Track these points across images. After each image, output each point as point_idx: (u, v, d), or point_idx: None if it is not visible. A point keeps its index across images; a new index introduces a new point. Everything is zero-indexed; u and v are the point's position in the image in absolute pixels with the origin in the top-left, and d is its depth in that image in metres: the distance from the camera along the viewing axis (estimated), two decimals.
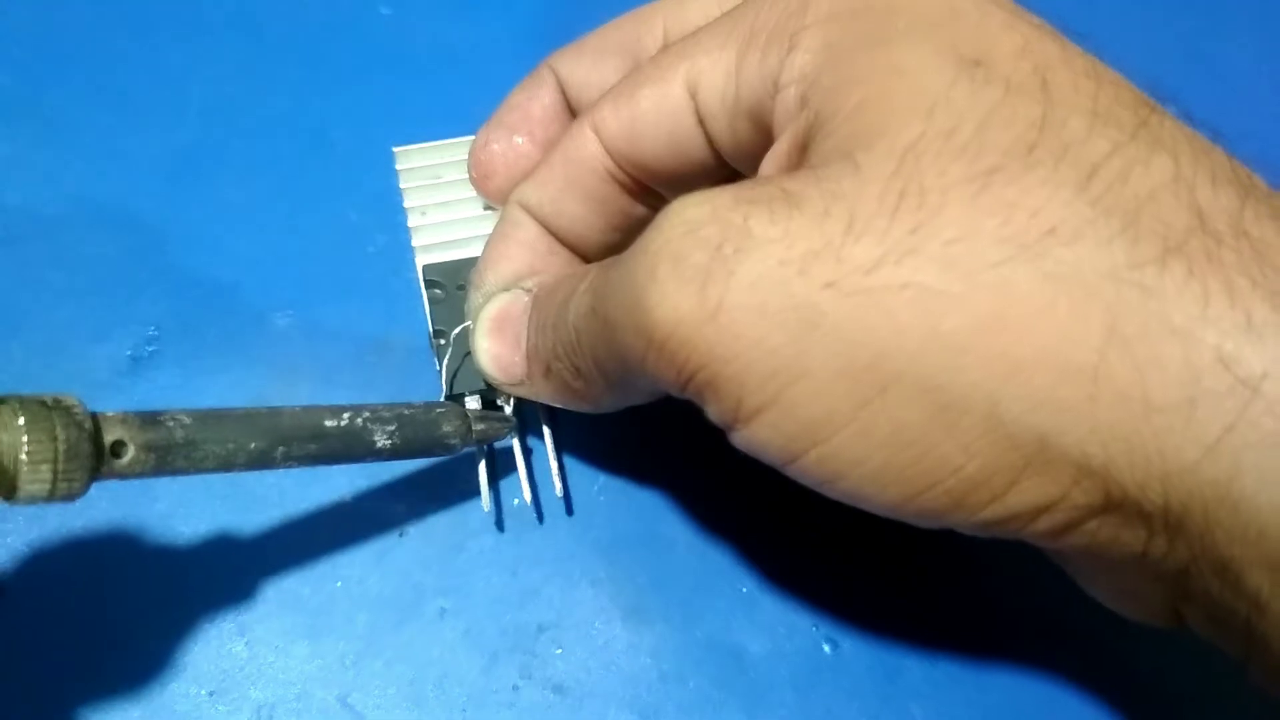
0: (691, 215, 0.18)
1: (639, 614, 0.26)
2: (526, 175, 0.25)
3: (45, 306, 0.29)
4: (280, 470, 0.26)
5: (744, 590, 0.26)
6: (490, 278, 0.25)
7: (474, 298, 0.25)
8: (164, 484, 0.26)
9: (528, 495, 0.26)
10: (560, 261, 0.25)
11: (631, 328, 0.19)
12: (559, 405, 0.24)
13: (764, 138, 0.21)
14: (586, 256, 0.25)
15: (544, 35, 0.28)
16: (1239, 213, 0.17)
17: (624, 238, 0.25)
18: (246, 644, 0.25)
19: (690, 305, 0.17)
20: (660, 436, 0.27)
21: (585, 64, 0.26)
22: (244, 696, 0.24)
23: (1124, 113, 0.18)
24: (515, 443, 0.26)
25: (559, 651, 0.25)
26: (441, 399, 0.26)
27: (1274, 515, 0.16)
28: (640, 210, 0.24)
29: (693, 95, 0.22)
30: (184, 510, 0.26)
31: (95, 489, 0.26)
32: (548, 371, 0.23)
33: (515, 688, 0.25)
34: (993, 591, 0.26)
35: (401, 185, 0.29)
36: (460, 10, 0.34)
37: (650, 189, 0.24)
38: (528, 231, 0.25)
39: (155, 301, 0.29)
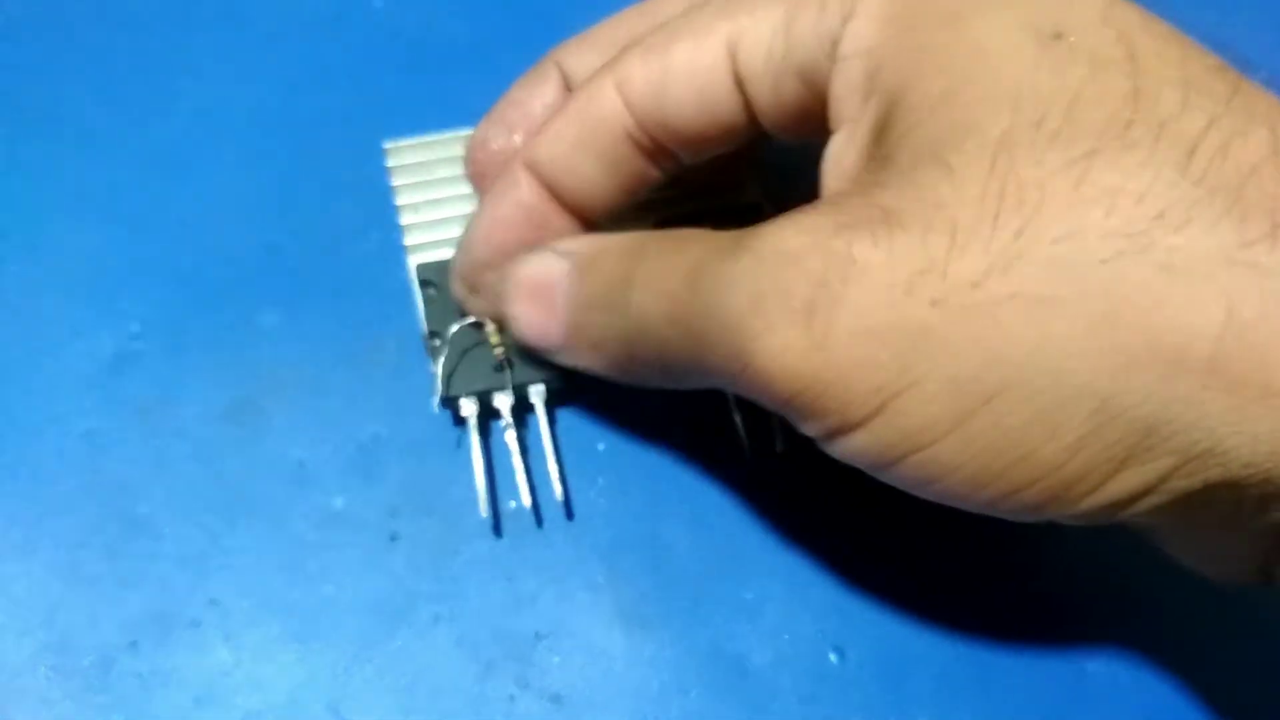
0: (793, 246, 0.18)
1: (639, 621, 0.25)
2: (537, 136, 0.24)
3: (26, 301, 0.28)
4: (269, 470, 0.26)
5: (747, 597, 0.25)
6: (482, 243, 0.24)
7: (460, 259, 0.25)
8: (148, 484, 0.26)
9: (526, 499, 0.25)
10: (558, 228, 0.24)
11: (726, 350, 0.18)
12: (595, 374, 0.24)
13: (815, 100, 0.20)
14: (586, 220, 0.24)
15: (539, 29, 0.27)
16: None
17: (631, 201, 0.24)
18: (233, 650, 0.24)
19: (796, 337, 0.17)
20: (661, 438, 0.27)
21: (592, 58, 0.25)
22: (231, 704, 0.24)
23: (1215, 81, 0.17)
24: (514, 445, 0.26)
25: (556, 660, 0.25)
26: (436, 401, 0.26)
27: None
28: (654, 173, 0.24)
29: (732, 54, 0.21)
30: (168, 513, 0.26)
31: (80, 485, 0.26)
32: (594, 346, 0.22)
33: (511, 697, 0.24)
34: (1002, 602, 0.26)
35: (393, 183, 0.29)
36: (454, 4, 0.34)
37: (667, 151, 0.23)
38: (527, 192, 0.24)
39: (139, 298, 0.28)
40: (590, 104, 0.23)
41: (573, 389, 0.27)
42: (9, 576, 0.25)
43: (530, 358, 0.25)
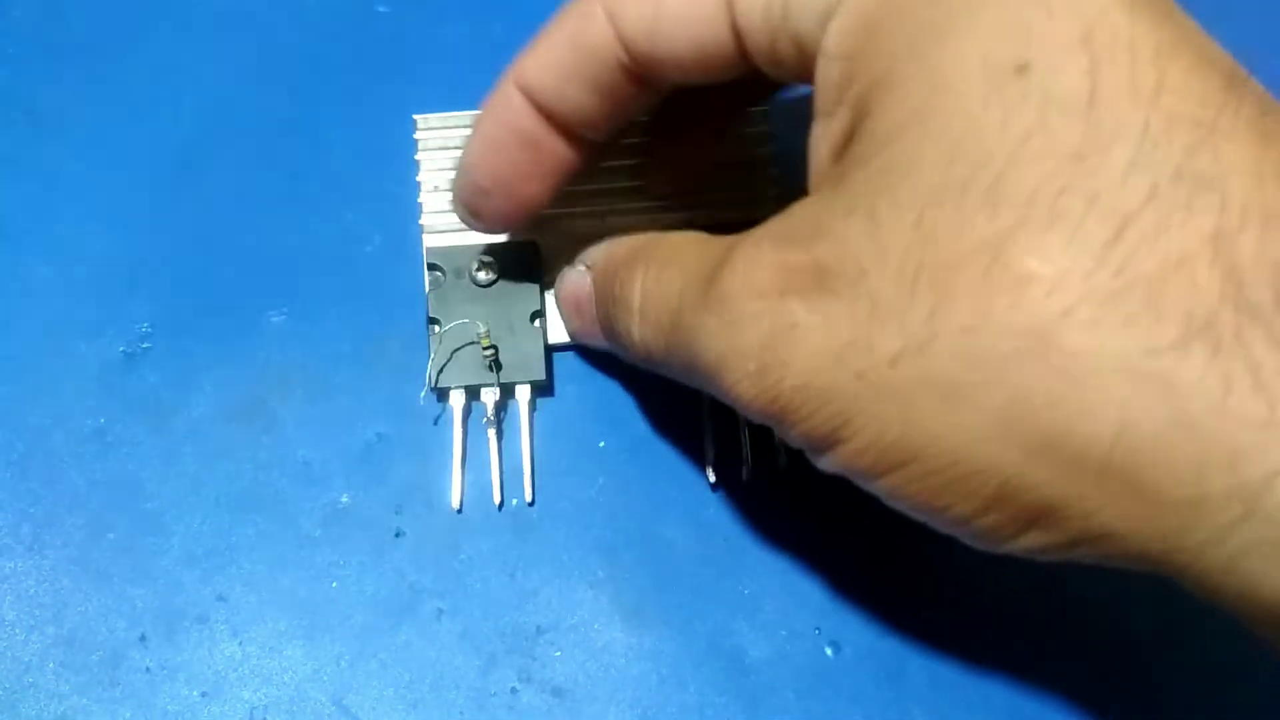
0: (748, 310, 0.19)
1: (639, 616, 0.25)
2: (527, 55, 0.23)
3: (37, 302, 0.28)
4: (276, 468, 0.26)
5: (745, 592, 0.26)
6: (479, 167, 0.24)
7: (459, 183, 0.25)
8: (156, 482, 0.26)
9: (497, 497, 0.26)
10: (551, 149, 0.24)
11: (713, 385, 0.20)
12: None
13: (807, 63, 0.20)
14: (580, 139, 0.24)
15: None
16: None
17: (623, 120, 0.24)
18: (240, 645, 0.25)
19: (756, 391, 0.19)
20: (661, 437, 0.27)
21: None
22: (237, 698, 0.24)
23: (1179, 130, 0.16)
24: (493, 440, 0.26)
25: (558, 654, 0.25)
26: (425, 393, 0.26)
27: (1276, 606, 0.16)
28: (646, 97, 0.23)
29: (729, 4, 0.20)
30: (176, 510, 0.26)
31: (89, 483, 0.26)
32: (623, 352, 0.24)
33: (514, 690, 0.24)
34: (996, 595, 0.26)
35: (419, 155, 0.29)
36: (458, 8, 0.34)
37: (661, 79, 0.23)
38: (520, 115, 0.23)
39: (149, 299, 0.28)
40: (581, 31, 0.22)
41: (561, 379, 0.28)
42: (19, 573, 0.25)
43: (520, 359, 0.26)
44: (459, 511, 0.26)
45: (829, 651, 0.25)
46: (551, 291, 0.27)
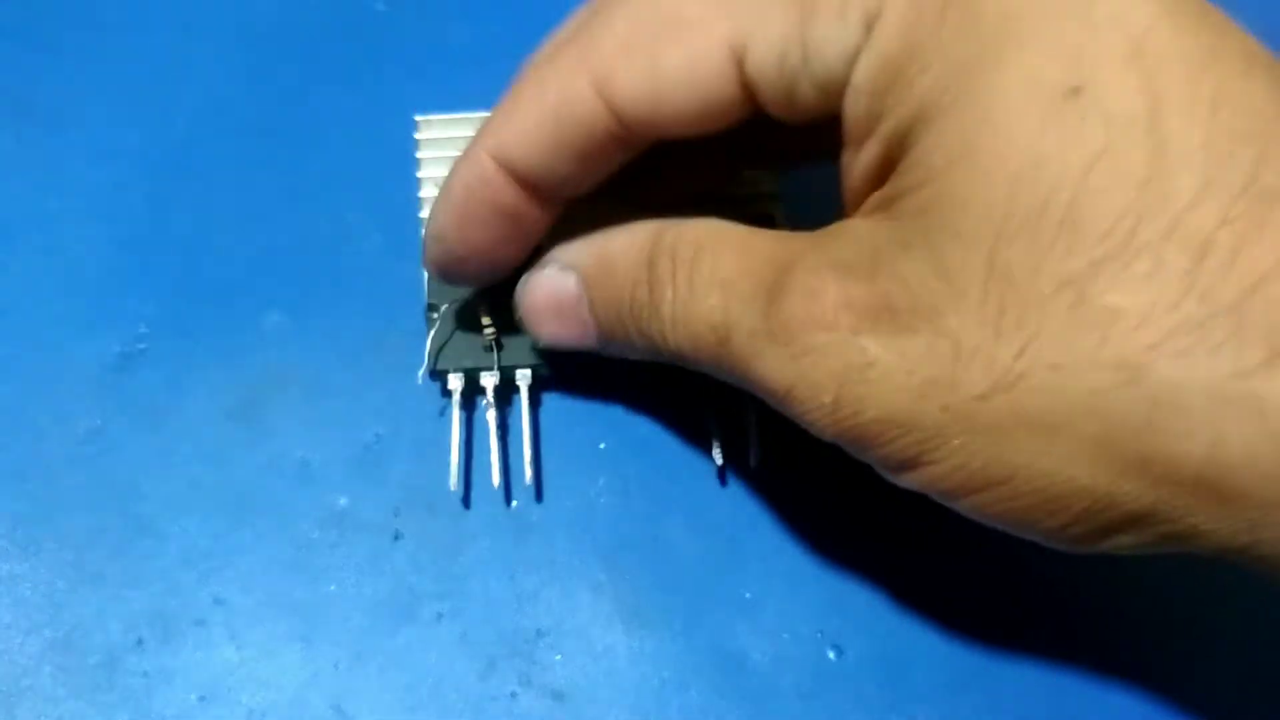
0: (818, 341, 0.19)
1: (640, 619, 0.25)
2: (504, 127, 0.22)
3: (33, 302, 0.28)
4: (273, 470, 0.26)
5: (747, 596, 0.25)
6: (456, 240, 0.23)
7: (434, 249, 0.24)
8: (153, 483, 0.26)
9: (496, 479, 0.26)
10: (533, 218, 0.23)
11: (773, 398, 0.20)
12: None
13: (830, 103, 0.20)
14: (558, 207, 0.23)
15: (541, 31, 0.27)
16: None
17: (607, 177, 0.23)
18: (237, 648, 0.24)
19: (829, 420, 0.19)
20: (662, 438, 0.27)
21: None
22: (235, 702, 0.24)
23: (1239, 148, 0.16)
24: (493, 423, 0.26)
25: (558, 658, 0.25)
26: (422, 372, 0.26)
27: None
28: (633, 153, 0.22)
29: (738, 59, 0.19)
30: (172, 512, 0.26)
31: (85, 484, 0.26)
32: (630, 351, 0.24)
33: (513, 694, 0.24)
34: (1001, 598, 0.26)
35: (419, 154, 0.29)
36: (456, 8, 0.34)
37: (652, 138, 0.22)
38: (500, 191, 0.22)
39: (146, 299, 0.28)
40: (566, 104, 0.21)
41: (562, 377, 0.27)
42: (15, 576, 0.25)
43: (522, 344, 0.26)
44: (463, 504, 0.26)
45: (831, 655, 0.25)
46: None
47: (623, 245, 0.23)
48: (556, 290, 0.24)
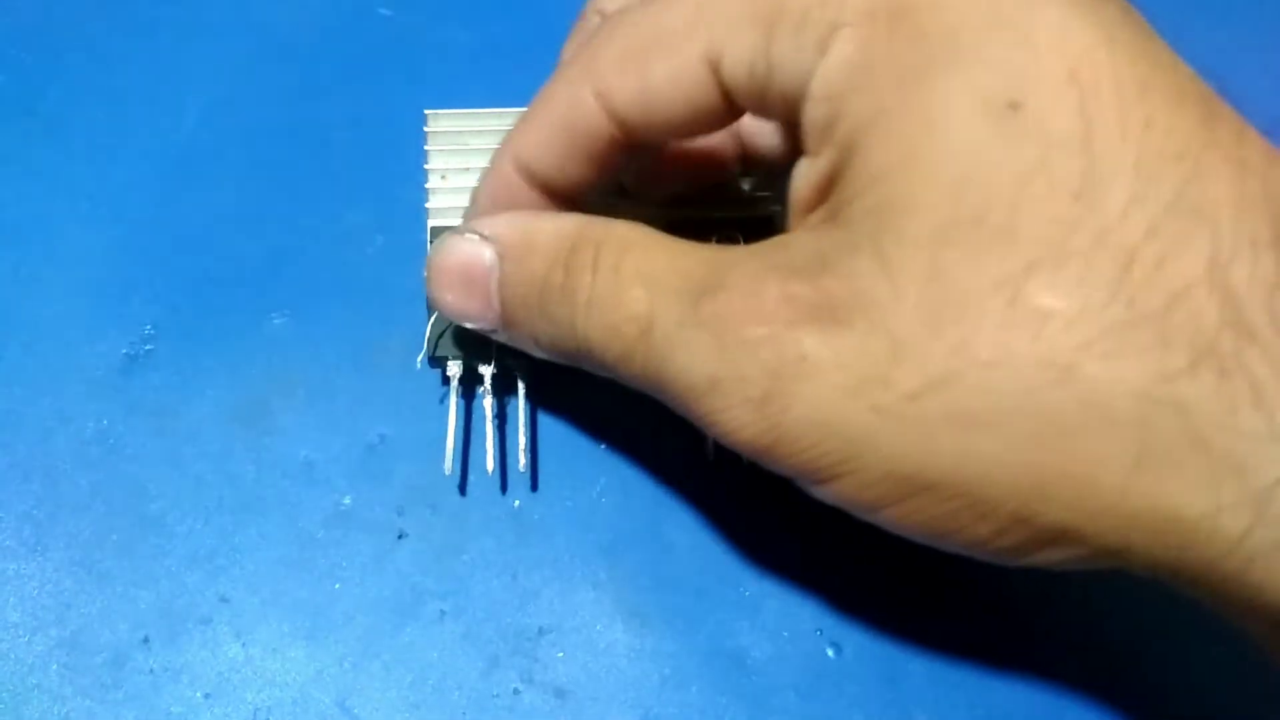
0: (751, 335, 0.19)
1: (641, 617, 0.25)
2: (522, 136, 0.23)
3: (40, 304, 0.28)
4: (278, 470, 0.26)
5: (746, 594, 0.26)
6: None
7: None
8: (159, 484, 0.26)
9: (491, 465, 0.26)
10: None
11: (686, 406, 0.20)
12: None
13: (793, 113, 0.20)
14: (570, 203, 0.24)
15: (545, 36, 0.28)
16: (1277, 286, 0.17)
17: (616, 177, 0.24)
18: (243, 646, 0.25)
19: (753, 419, 0.19)
20: (663, 438, 0.27)
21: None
22: (240, 699, 0.24)
23: (1168, 166, 0.17)
24: (489, 411, 0.26)
25: (560, 655, 0.25)
26: (421, 359, 0.26)
27: None
28: (638, 155, 0.24)
29: (714, 68, 0.21)
30: (179, 511, 0.26)
31: (92, 484, 0.26)
32: (533, 342, 0.23)
33: (516, 691, 0.24)
34: (998, 596, 0.26)
35: (427, 147, 0.29)
36: (460, 11, 0.34)
37: (654, 140, 0.23)
38: (520, 194, 0.24)
39: (151, 300, 0.29)
40: (573, 112, 0.22)
41: (561, 373, 0.27)
42: (22, 575, 0.25)
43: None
44: (459, 491, 0.26)
45: (830, 652, 0.25)
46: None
47: (549, 227, 0.23)
48: (471, 258, 0.23)
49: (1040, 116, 0.17)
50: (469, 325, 0.24)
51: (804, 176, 0.20)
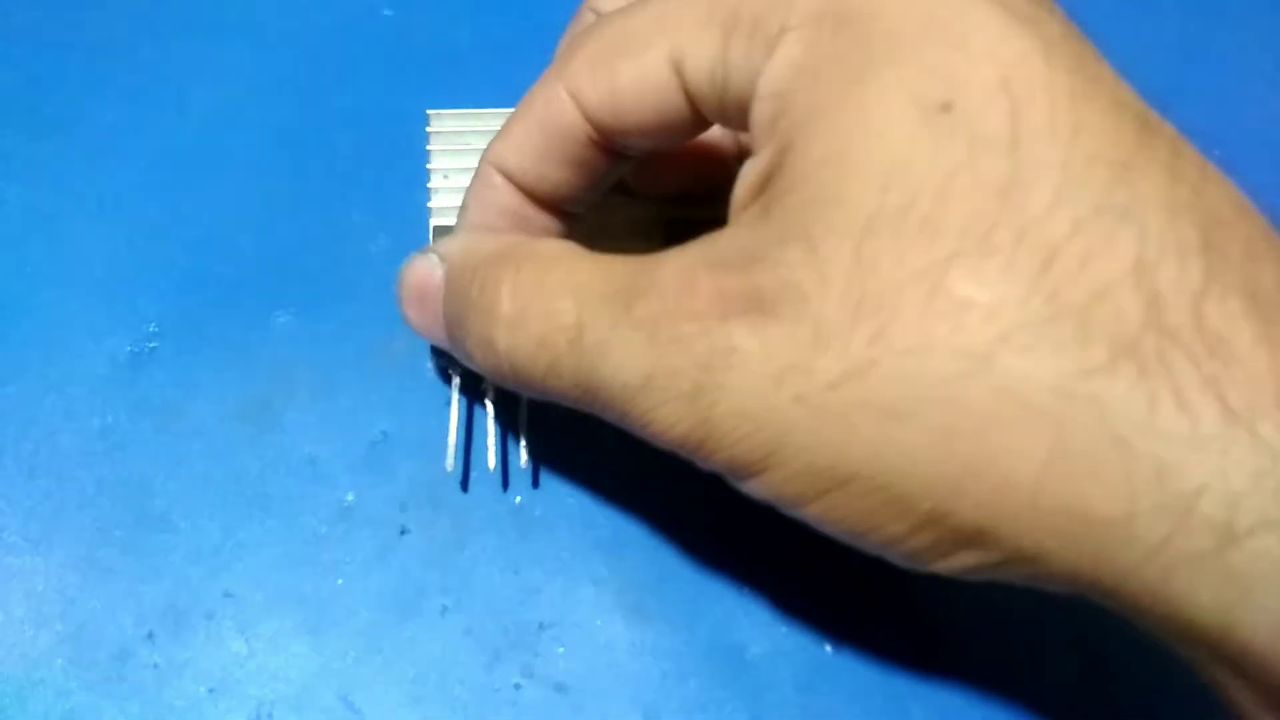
0: (683, 331, 0.19)
1: (641, 613, 0.26)
2: (501, 139, 0.24)
3: (46, 302, 0.28)
4: (282, 466, 0.27)
5: (746, 590, 0.26)
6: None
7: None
8: (163, 480, 0.26)
9: (492, 461, 0.26)
10: (540, 224, 0.24)
11: (617, 409, 0.20)
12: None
13: (747, 120, 0.21)
14: (563, 212, 0.25)
15: (547, 35, 0.28)
16: (1203, 293, 0.16)
17: (602, 188, 0.24)
18: (246, 641, 0.25)
19: (684, 413, 0.19)
20: None
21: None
22: (244, 694, 0.24)
23: (1097, 169, 0.17)
24: (490, 407, 0.27)
25: (561, 650, 0.25)
26: (430, 353, 0.27)
27: (1210, 620, 0.16)
28: (620, 164, 0.24)
29: (678, 71, 0.21)
30: (183, 508, 0.26)
31: (97, 481, 0.26)
32: (471, 360, 0.23)
33: (517, 686, 0.25)
34: (995, 592, 0.26)
35: (429, 147, 0.29)
36: (463, 11, 0.34)
37: (632, 146, 0.23)
38: (504, 196, 0.24)
39: (156, 299, 0.29)
40: (549, 117, 0.23)
41: None
42: (28, 570, 0.26)
43: None
44: (461, 487, 0.27)
45: (829, 648, 0.25)
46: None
47: (486, 247, 0.23)
48: (424, 277, 0.24)
49: (970, 117, 0.17)
50: (433, 342, 0.25)
51: (745, 175, 0.21)
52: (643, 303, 0.19)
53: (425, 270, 0.24)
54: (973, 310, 0.17)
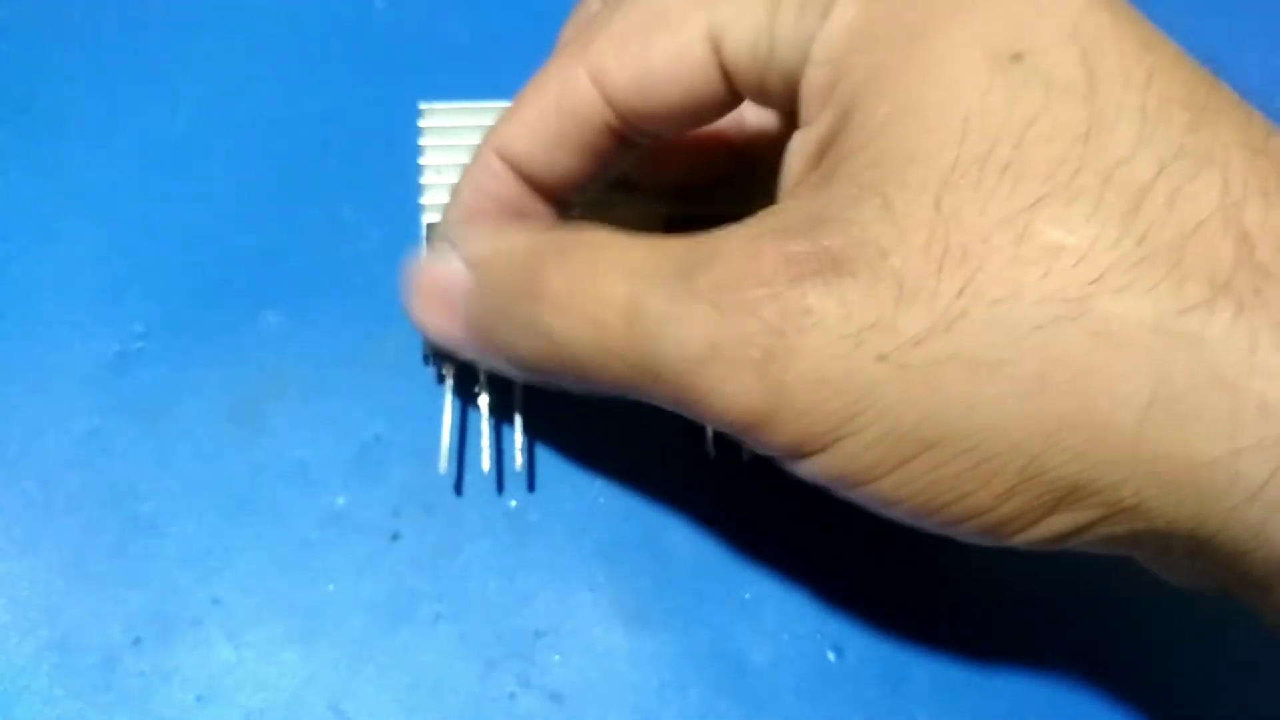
0: (750, 297, 0.18)
1: (639, 620, 0.25)
2: (509, 122, 0.23)
3: (30, 301, 0.28)
4: (272, 470, 0.26)
5: (746, 597, 0.26)
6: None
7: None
8: (150, 483, 0.26)
9: (486, 464, 0.26)
10: (537, 214, 0.24)
11: (674, 385, 0.19)
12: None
13: (791, 93, 0.20)
14: (562, 201, 0.24)
15: (542, 28, 0.27)
16: None
17: (606, 178, 0.24)
18: (235, 649, 0.24)
19: (752, 382, 0.18)
20: (662, 439, 0.27)
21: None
22: (233, 702, 0.24)
23: (1175, 111, 0.17)
24: (485, 409, 0.26)
25: (557, 658, 0.25)
26: (423, 355, 0.26)
27: None
28: (629, 152, 0.23)
29: (716, 47, 0.20)
30: (171, 512, 0.26)
31: (83, 484, 0.26)
32: (501, 354, 0.22)
33: (512, 695, 0.24)
34: (999, 598, 0.26)
35: (422, 141, 0.28)
36: (456, 4, 0.34)
37: (648, 132, 0.23)
38: (506, 186, 0.23)
39: (143, 297, 0.28)
40: (565, 96, 0.22)
41: None
42: (12, 575, 0.25)
43: None
44: (455, 491, 0.26)
45: (831, 656, 0.25)
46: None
47: (520, 237, 0.22)
48: (448, 278, 0.23)
49: (1043, 66, 0.17)
50: (450, 348, 0.23)
51: (798, 147, 0.20)
52: (705, 274, 0.19)
53: (447, 273, 0.23)
54: (1063, 255, 0.16)
